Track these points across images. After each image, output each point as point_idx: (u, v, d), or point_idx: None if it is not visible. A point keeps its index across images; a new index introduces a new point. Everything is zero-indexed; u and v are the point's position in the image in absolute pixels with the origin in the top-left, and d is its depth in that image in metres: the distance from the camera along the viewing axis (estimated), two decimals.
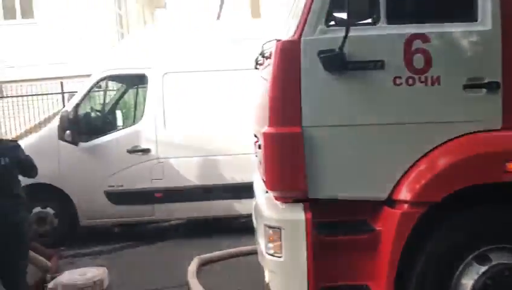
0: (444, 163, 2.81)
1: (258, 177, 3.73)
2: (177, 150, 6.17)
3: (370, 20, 2.91)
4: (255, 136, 3.78)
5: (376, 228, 2.90)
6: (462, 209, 2.81)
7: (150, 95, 6.24)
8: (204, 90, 6.20)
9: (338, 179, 2.89)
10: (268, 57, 3.22)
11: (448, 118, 2.85)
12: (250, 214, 4.04)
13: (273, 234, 2.93)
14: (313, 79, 2.85)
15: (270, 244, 2.96)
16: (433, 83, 2.82)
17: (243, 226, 5.70)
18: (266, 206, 3.13)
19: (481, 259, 2.78)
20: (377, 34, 2.86)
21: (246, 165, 5.16)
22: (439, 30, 2.85)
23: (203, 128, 6.18)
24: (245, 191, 5.07)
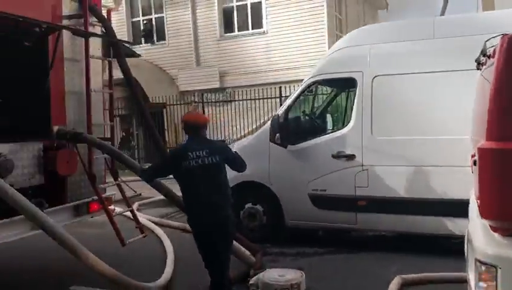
0: None
1: (474, 198, 3.16)
2: (384, 157, 5.80)
3: None
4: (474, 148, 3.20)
5: None
6: None
7: (358, 100, 6.02)
8: (418, 93, 5.67)
9: None
10: (491, 56, 2.66)
11: None
12: (463, 236, 3.46)
13: (487, 272, 2.40)
14: None
15: (482, 284, 2.43)
16: None
17: (453, 248, 5.01)
18: (480, 237, 2.58)
19: None
20: None
21: (462, 179, 4.49)
22: None
23: (415, 135, 5.65)
24: (459, 208, 4.51)
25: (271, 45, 15.99)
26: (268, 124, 6.46)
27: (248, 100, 14.77)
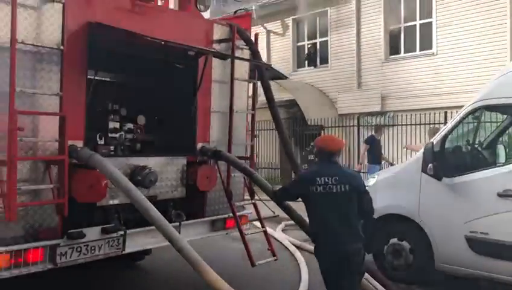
0: None
1: None
2: None
3: None
4: None
5: None
6: None
7: None
8: None
9: None
10: None
11: None
12: None
13: None
14: None
15: None
16: None
17: None
18: None
19: None
20: None
21: None
22: None
23: None
24: None
25: (440, 67, 14.76)
26: (422, 152, 5.85)
27: (410, 125, 13.83)
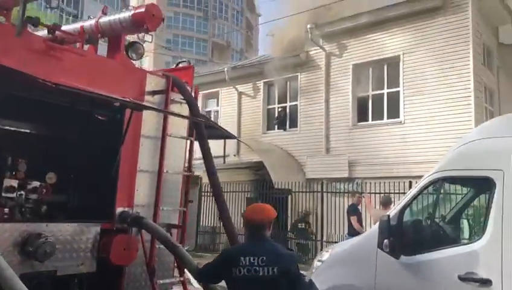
0: None
1: None
2: None
3: None
4: None
5: None
6: None
7: (496, 207, 4.58)
8: None
9: None
10: None
11: None
12: None
13: None
14: None
15: None
16: None
17: None
18: None
19: None
20: None
21: None
22: None
23: None
24: None
25: (407, 136, 14.69)
26: (377, 226, 5.30)
27: (377, 194, 13.45)
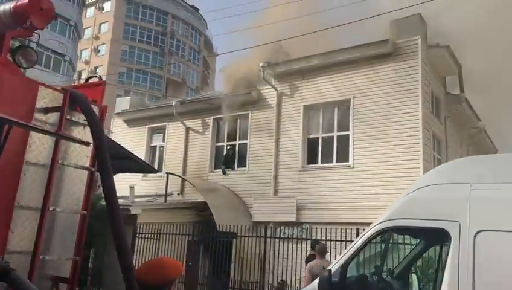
0: None
1: None
2: None
3: None
4: None
5: None
6: None
7: (451, 262, 3.99)
8: None
9: None
10: None
11: None
12: None
13: None
14: None
15: None
16: None
17: None
18: None
19: None
20: None
21: None
22: None
23: None
24: None
25: (356, 181, 14.28)
26: (316, 282, 4.55)
27: (325, 241, 12.74)
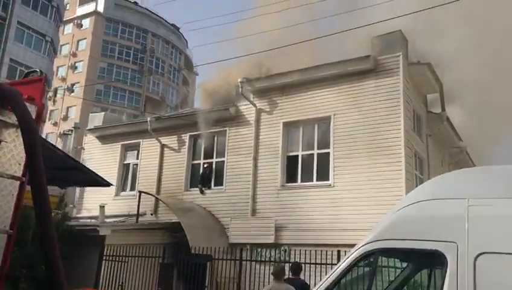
0: None
1: None
2: None
3: None
4: None
5: None
6: None
7: (449, 286, 3.44)
8: None
9: None
10: None
11: None
12: None
13: None
14: None
15: None
16: None
17: None
18: None
19: None
20: None
21: None
22: None
23: None
24: None
25: (336, 200, 13.77)
26: None
27: (306, 264, 12.14)
